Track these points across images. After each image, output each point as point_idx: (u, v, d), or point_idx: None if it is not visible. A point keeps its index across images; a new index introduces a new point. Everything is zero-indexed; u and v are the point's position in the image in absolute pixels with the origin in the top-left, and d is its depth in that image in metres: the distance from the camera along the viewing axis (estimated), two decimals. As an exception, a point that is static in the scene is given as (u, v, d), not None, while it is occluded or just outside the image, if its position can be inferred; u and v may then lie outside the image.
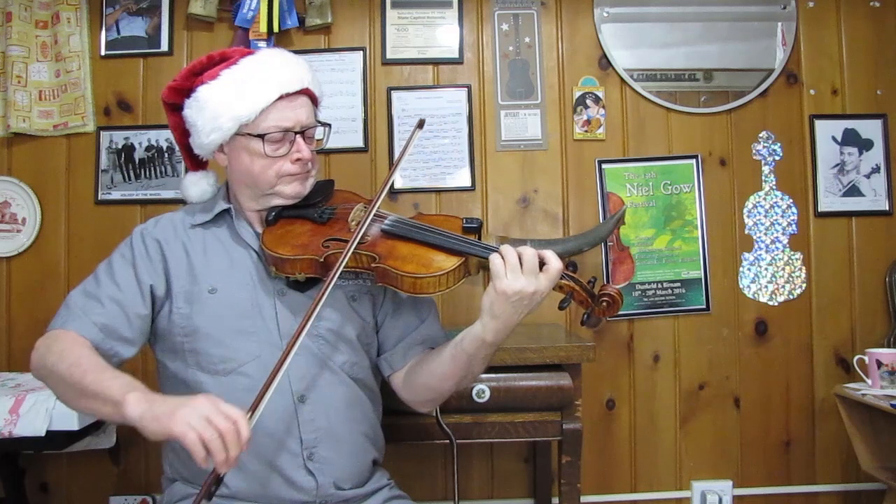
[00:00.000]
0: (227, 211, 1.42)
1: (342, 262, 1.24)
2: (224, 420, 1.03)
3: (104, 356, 1.26)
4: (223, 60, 1.38)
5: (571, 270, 1.25)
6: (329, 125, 1.44)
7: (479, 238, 1.31)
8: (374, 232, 1.33)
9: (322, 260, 1.29)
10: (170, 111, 1.44)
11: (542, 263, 1.19)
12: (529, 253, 1.18)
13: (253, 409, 1.11)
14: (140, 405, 1.09)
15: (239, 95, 1.32)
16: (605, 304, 1.24)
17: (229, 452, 1.02)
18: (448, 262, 1.25)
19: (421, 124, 1.45)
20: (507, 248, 1.19)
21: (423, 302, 1.46)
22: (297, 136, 1.35)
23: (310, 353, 1.34)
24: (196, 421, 1.02)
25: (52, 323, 1.30)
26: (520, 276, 1.17)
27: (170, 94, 1.41)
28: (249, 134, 1.33)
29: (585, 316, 1.27)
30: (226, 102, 1.33)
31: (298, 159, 1.35)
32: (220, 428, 1.02)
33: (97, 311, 1.29)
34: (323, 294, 1.20)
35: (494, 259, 1.19)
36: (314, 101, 1.42)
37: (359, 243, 1.28)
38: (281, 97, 1.33)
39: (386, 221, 1.34)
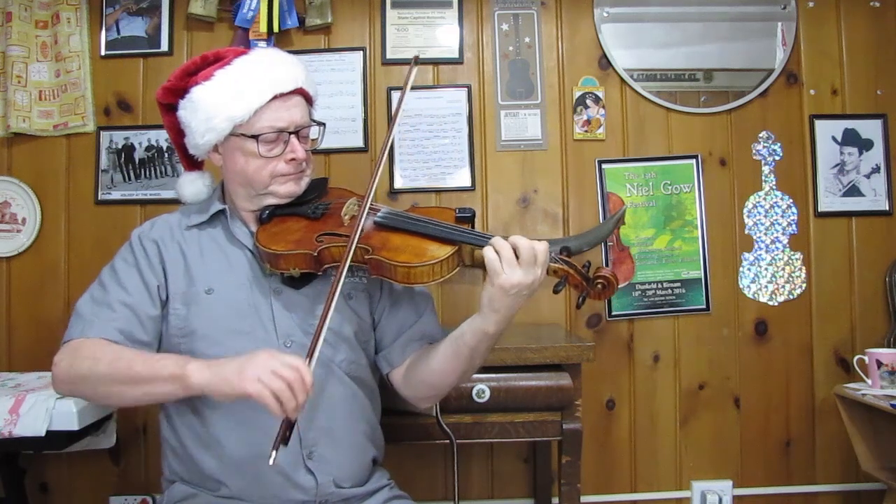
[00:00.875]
0: (222, 211, 1.42)
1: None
2: (289, 370, 1.10)
3: None
4: (217, 60, 1.38)
5: (566, 254, 1.25)
6: (324, 124, 1.44)
7: (473, 227, 1.31)
8: (367, 224, 1.33)
9: (316, 254, 1.30)
10: (165, 111, 1.44)
11: None
12: (524, 244, 1.18)
13: (310, 355, 1.16)
14: (204, 372, 1.14)
15: (233, 96, 1.32)
16: (599, 286, 1.24)
17: (298, 399, 1.09)
18: (441, 251, 1.25)
19: (416, 60, 1.45)
20: (499, 242, 1.19)
21: (420, 297, 1.46)
22: (292, 136, 1.35)
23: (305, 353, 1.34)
24: (265, 376, 1.09)
25: (68, 334, 1.30)
26: (516, 268, 1.17)
27: (164, 94, 1.42)
28: (244, 134, 1.34)
29: (581, 299, 1.26)
30: (220, 103, 1.33)
31: (293, 159, 1.35)
32: (288, 378, 1.09)
33: (111, 316, 1.30)
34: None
35: (489, 255, 1.18)
36: (308, 100, 1.43)
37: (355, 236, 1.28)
38: (275, 97, 1.33)
39: (379, 214, 1.34)
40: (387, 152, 1.42)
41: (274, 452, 1.10)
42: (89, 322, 1.29)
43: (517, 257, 1.17)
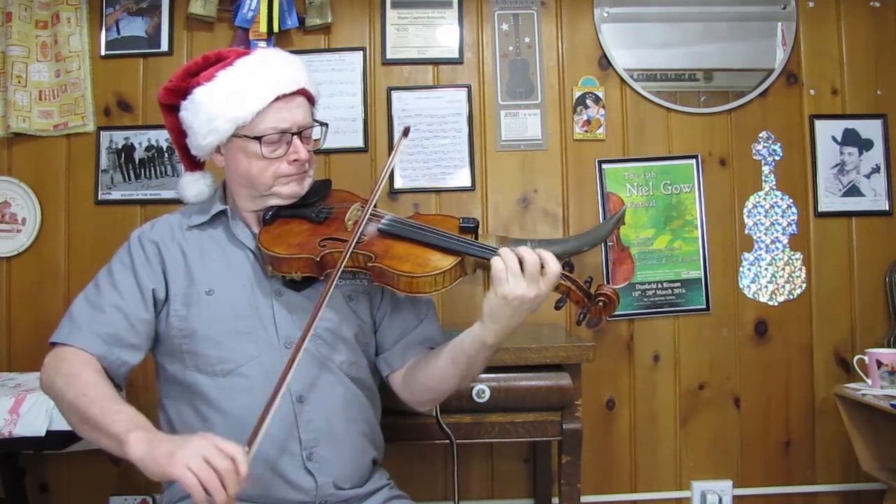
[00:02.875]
0: (223, 212, 1.42)
1: (341, 264, 1.24)
2: (222, 459, 1.03)
3: (111, 367, 1.28)
4: (219, 61, 1.37)
5: (568, 270, 1.25)
6: (326, 124, 1.44)
7: (476, 238, 1.31)
8: (370, 231, 1.33)
9: (318, 259, 1.29)
10: (166, 112, 1.44)
11: (541, 265, 1.19)
12: (531, 257, 1.17)
13: (250, 442, 1.10)
14: (141, 446, 1.08)
15: (235, 97, 1.32)
16: (601, 304, 1.24)
17: (228, 492, 1.02)
18: (444, 262, 1.24)
19: (406, 132, 1.45)
20: (507, 252, 1.19)
21: (421, 301, 1.46)
22: (294, 136, 1.35)
23: (308, 354, 1.34)
24: (194, 462, 1.02)
25: (56, 334, 1.30)
26: (521, 280, 1.17)
27: (166, 95, 1.41)
28: (246, 136, 1.33)
29: (581, 316, 1.27)
30: (222, 105, 1.32)
31: (296, 160, 1.35)
32: (219, 468, 1.02)
33: (100, 320, 1.29)
34: (322, 302, 1.20)
35: (496, 264, 1.18)
36: (311, 100, 1.42)
37: (356, 242, 1.28)
38: (277, 98, 1.33)
39: (382, 221, 1.34)
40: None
41: None
42: (77, 327, 1.29)
43: (522, 270, 1.17)
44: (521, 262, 1.18)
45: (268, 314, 1.34)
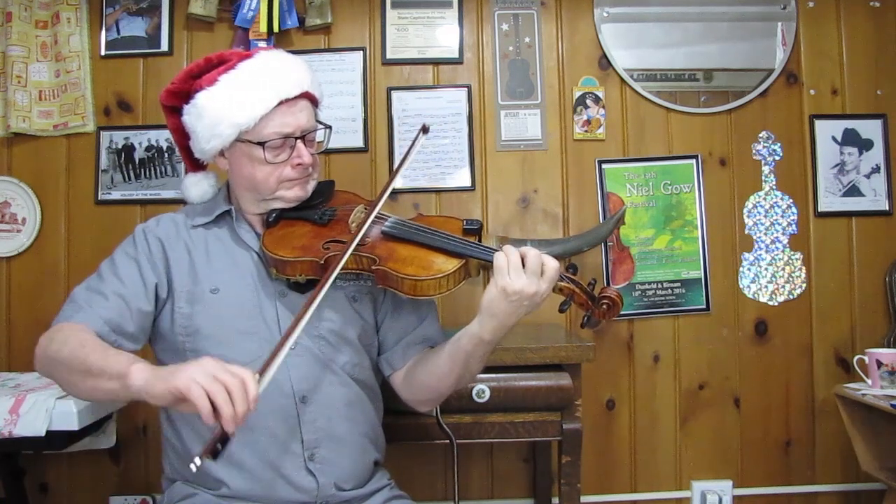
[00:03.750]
0: (227, 212, 1.42)
1: (339, 264, 1.24)
2: (230, 376, 1.00)
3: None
4: (221, 63, 1.37)
5: (571, 273, 1.25)
6: (329, 126, 1.43)
7: (480, 240, 1.31)
8: (374, 234, 1.33)
9: (322, 262, 1.29)
10: (169, 113, 1.44)
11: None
12: (533, 254, 1.19)
13: (262, 371, 1.07)
14: (143, 373, 1.07)
15: (238, 102, 1.31)
16: (604, 306, 1.24)
17: (236, 408, 0.99)
18: (448, 265, 1.25)
19: (425, 129, 1.44)
20: (509, 248, 1.20)
21: (422, 301, 1.46)
22: (298, 140, 1.35)
23: (311, 354, 1.34)
24: (201, 376, 1.00)
25: (57, 318, 1.30)
26: (522, 275, 1.18)
27: (168, 97, 1.41)
28: (250, 141, 1.33)
29: (585, 318, 1.27)
30: (225, 109, 1.32)
31: (299, 164, 1.35)
32: (227, 382, 0.99)
33: (102, 304, 1.29)
34: (318, 293, 1.19)
35: (499, 257, 1.19)
36: (314, 102, 1.42)
37: (359, 245, 1.28)
38: (280, 103, 1.32)
39: (386, 223, 1.34)
40: (388, 192, 1.41)
41: (197, 460, 0.98)
42: (79, 307, 1.29)
43: (524, 266, 1.18)
44: (523, 259, 1.18)
45: (271, 315, 1.34)
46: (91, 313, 1.27)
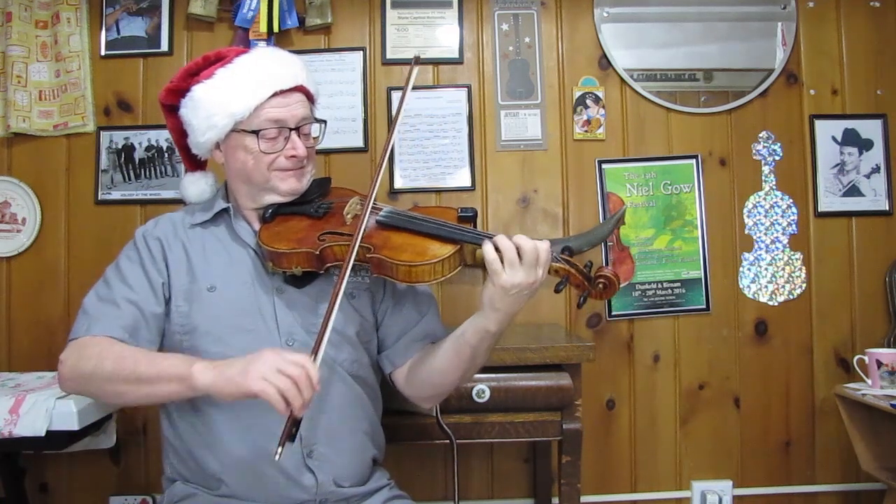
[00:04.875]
0: (225, 210, 1.43)
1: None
2: (294, 367, 1.09)
3: None
4: (219, 60, 1.39)
5: (567, 255, 1.25)
6: (324, 121, 1.45)
7: (475, 227, 1.31)
8: (369, 223, 1.33)
9: (318, 253, 1.30)
10: (168, 113, 1.45)
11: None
12: (527, 245, 1.17)
13: (314, 352, 1.16)
14: (208, 373, 1.14)
15: (233, 93, 1.33)
16: (601, 285, 1.24)
17: (304, 397, 1.09)
18: (443, 250, 1.24)
19: (417, 60, 1.43)
20: (502, 241, 1.18)
21: (422, 297, 1.46)
22: (292, 132, 1.36)
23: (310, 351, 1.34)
24: (270, 375, 1.08)
25: (74, 331, 1.31)
26: (518, 269, 1.17)
27: (167, 95, 1.42)
28: (244, 130, 1.34)
29: (582, 299, 1.26)
30: (220, 100, 1.34)
31: (293, 155, 1.35)
32: (294, 375, 1.08)
33: (115, 314, 1.30)
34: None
35: (489, 255, 1.18)
36: (310, 98, 1.43)
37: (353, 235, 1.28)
38: (275, 94, 1.34)
39: (381, 213, 1.34)
40: (388, 153, 1.42)
41: (280, 448, 1.09)
42: (95, 319, 1.30)
43: (519, 257, 1.17)
44: (518, 251, 1.17)
45: (269, 311, 1.35)
46: (108, 324, 1.29)
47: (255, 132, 1.33)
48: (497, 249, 1.18)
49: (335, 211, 1.39)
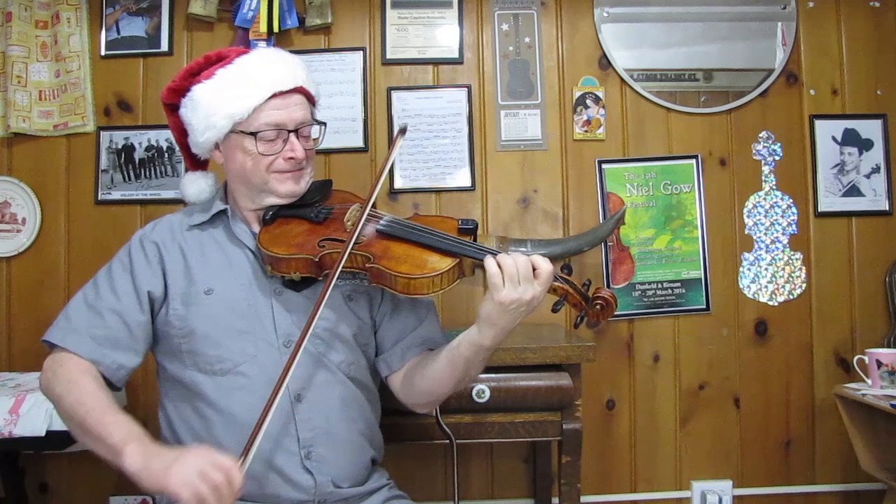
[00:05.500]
0: (223, 211, 1.43)
1: (339, 265, 1.24)
2: (217, 472, 1.06)
3: (107, 371, 1.29)
4: (220, 60, 1.39)
5: (566, 273, 1.25)
6: (324, 123, 1.44)
7: (475, 239, 1.31)
8: (369, 232, 1.33)
9: (317, 259, 1.30)
10: (169, 112, 1.45)
11: (533, 269, 1.19)
12: (522, 261, 1.18)
13: (244, 453, 1.14)
14: (137, 459, 1.10)
15: (233, 93, 1.33)
16: (598, 307, 1.24)
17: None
18: (442, 264, 1.25)
19: (403, 131, 1.44)
20: (504, 259, 1.19)
21: (421, 303, 1.46)
22: (291, 134, 1.36)
23: (306, 353, 1.33)
24: (191, 477, 1.05)
25: (51, 332, 1.31)
26: (517, 285, 1.18)
27: (168, 94, 1.42)
28: (243, 132, 1.34)
29: (579, 319, 1.27)
30: (220, 101, 1.33)
31: (291, 158, 1.35)
32: (215, 481, 1.05)
33: (97, 324, 1.31)
34: (320, 302, 1.21)
35: (492, 271, 1.19)
36: (310, 99, 1.43)
37: (354, 243, 1.28)
38: (274, 95, 1.34)
39: (381, 222, 1.34)
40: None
41: None
42: (72, 329, 1.30)
43: (518, 273, 1.18)
44: (517, 267, 1.18)
45: (267, 313, 1.35)
46: (83, 337, 1.29)
47: (254, 134, 1.33)
48: (498, 265, 1.19)
49: (335, 216, 1.39)
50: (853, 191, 2.37)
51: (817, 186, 2.36)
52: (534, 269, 1.19)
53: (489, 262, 1.20)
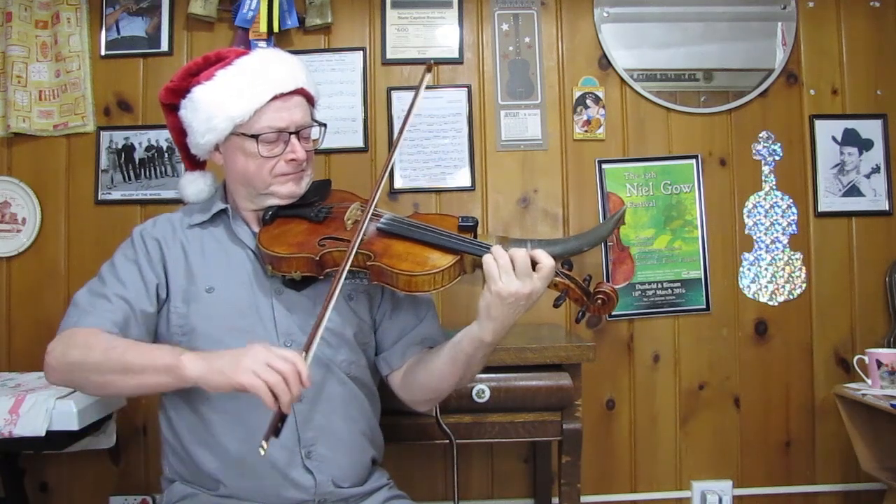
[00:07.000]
0: (224, 211, 1.43)
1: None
2: (284, 363, 1.10)
3: None
4: (219, 61, 1.39)
5: (567, 269, 1.25)
6: (325, 125, 1.44)
7: (475, 237, 1.31)
8: (370, 230, 1.33)
9: (318, 258, 1.30)
10: (168, 112, 1.44)
11: (534, 263, 1.19)
12: (520, 254, 1.18)
13: (306, 349, 1.16)
14: (198, 363, 1.14)
15: (233, 96, 1.33)
16: (599, 301, 1.24)
17: (293, 392, 1.09)
18: (443, 261, 1.25)
19: (430, 68, 1.40)
20: (498, 250, 1.19)
21: (421, 301, 1.46)
22: (292, 136, 1.35)
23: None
24: (260, 368, 1.09)
25: (64, 323, 1.30)
26: (514, 278, 1.17)
27: (167, 95, 1.42)
28: (244, 134, 1.34)
29: (580, 314, 1.27)
30: (220, 103, 1.33)
31: (293, 160, 1.35)
32: (283, 370, 1.09)
33: (107, 307, 1.30)
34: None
35: (488, 261, 1.19)
36: (310, 100, 1.43)
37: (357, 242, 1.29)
38: (275, 97, 1.33)
39: (382, 220, 1.34)
40: (393, 158, 1.41)
41: (265, 443, 1.09)
42: (85, 312, 1.29)
43: (514, 267, 1.18)
44: (512, 261, 1.18)
45: (267, 313, 1.35)
46: (99, 317, 1.28)
47: (255, 136, 1.33)
48: (493, 257, 1.19)
49: (335, 215, 1.39)
50: (853, 191, 2.37)
51: (817, 186, 2.36)
52: (536, 264, 1.19)
53: (486, 255, 1.20)
